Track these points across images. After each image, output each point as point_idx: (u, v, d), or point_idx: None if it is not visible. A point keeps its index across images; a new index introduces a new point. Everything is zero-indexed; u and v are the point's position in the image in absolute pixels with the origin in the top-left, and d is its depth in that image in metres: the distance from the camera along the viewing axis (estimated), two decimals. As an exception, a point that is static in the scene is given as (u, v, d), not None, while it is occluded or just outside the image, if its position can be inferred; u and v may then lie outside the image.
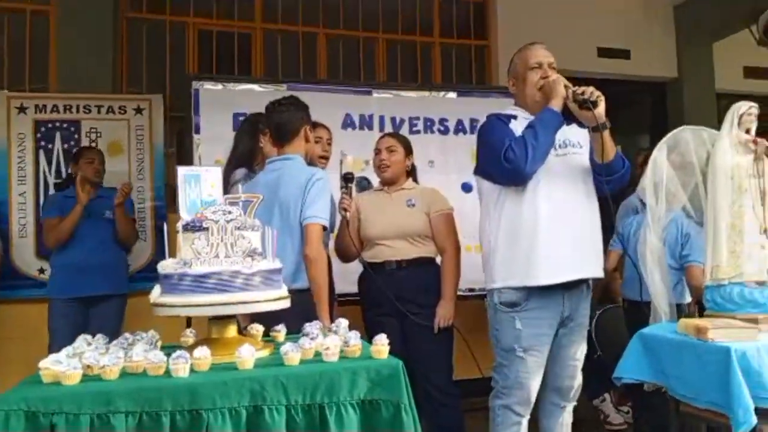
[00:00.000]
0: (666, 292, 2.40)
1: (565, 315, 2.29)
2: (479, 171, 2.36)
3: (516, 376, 2.25)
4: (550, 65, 2.32)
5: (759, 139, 2.21)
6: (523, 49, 2.40)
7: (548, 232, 2.18)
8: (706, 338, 1.96)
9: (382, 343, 1.55)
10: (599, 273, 2.33)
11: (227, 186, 2.60)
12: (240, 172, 2.78)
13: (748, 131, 2.24)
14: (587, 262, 2.28)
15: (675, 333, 2.14)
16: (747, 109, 2.24)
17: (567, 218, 2.22)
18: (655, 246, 2.40)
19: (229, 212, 1.55)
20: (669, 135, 2.49)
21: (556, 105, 2.21)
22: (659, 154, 2.46)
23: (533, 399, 2.29)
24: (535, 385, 2.28)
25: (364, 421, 1.43)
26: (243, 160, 2.87)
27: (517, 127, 2.26)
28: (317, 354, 1.55)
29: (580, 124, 2.29)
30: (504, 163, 2.14)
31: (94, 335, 1.75)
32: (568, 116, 2.25)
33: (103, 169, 3.61)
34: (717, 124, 2.33)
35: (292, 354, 1.47)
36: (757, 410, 1.84)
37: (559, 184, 2.23)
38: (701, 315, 2.27)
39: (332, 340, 1.52)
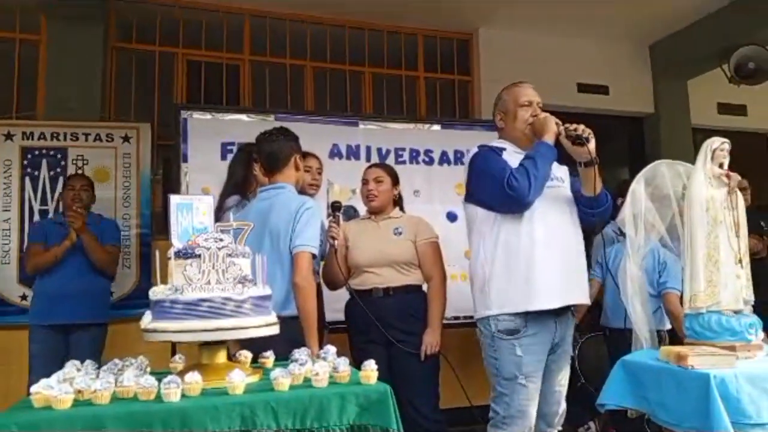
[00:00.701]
0: (647, 319, 2.45)
1: (555, 341, 2.34)
2: (473, 199, 2.39)
3: (518, 404, 2.26)
4: (538, 104, 2.45)
5: (731, 173, 2.30)
6: (512, 86, 2.50)
7: (544, 258, 2.25)
8: (687, 365, 2.01)
9: (371, 369, 1.58)
10: (586, 299, 2.42)
11: (219, 213, 2.64)
12: (233, 200, 2.83)
13: (721, 165, 2.33)
14: (576, 288, 2.35)
15: (656, 360, 2.19)
16: (719, 144, 2.33)
17: (559, 245, 2.30)
18: (636, 275, 2.46)
19: (221, 239, 1.58)
20: (646, 168, 2.58)
21: (549, 140, 2.32)
22: (637, 187, 2.54)
23: (533, 426, 2.30)
24: (534, 412, 2.30)
25: (353, 445, 1.45)
26: (237, 188, 2.92)
27: (507, 158, 2.34)
28: (306, 380, 1.57)
29: (569, 160, 2.39)
30: (507, 191, 2.21)
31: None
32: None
33: (89, 196, 3.61)
34: (693, 158, 2.42)
35: (282, 379, 1.49)
36: (735, 436, 1.89)
37: (551, 213, 2.32)
38: (672, 341, 2.33)
39: (321, 366, 1.55)
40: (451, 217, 4.14)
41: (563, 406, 2.45)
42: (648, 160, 5.22)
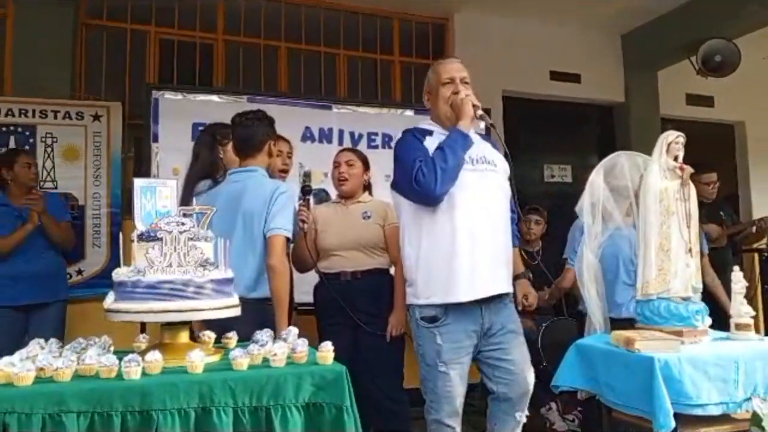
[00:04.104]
0: (601, 305, 2.55)
1: (486, 326, 2.28)
2: (395, 187, 2.34)
3: (441, 390, 2.25)
4: (462, 80, 2.34)
5: (685, 166, 2.39)
6: (437, 64, 2.44)
7: (465, 250, 2.19)
8: (634, 349, 2.11)
9: (327, 350, 1.64)
10: (509, 288, 2.35)
11: (190, 197, 2.65)
12: (204, 184, 2.81)
13: (675, 158, 2.41)
14: (502, 277, 2.30)
15: (607, 344, 2.29)
16: (675, 138, 2.42)
17: (483, 235, 2.23)
18: (591, 262, 2.56)
19: (183, 223, 1.62)
20: (606, 159, 2.66)
21: (464, 125, 2.25)
22: (596, 177, 2.63)
23: (461, 410, 2.30)
24: (460, 395, 2.28)
25: (308, 422, 1.52)
26: (206, 172, 2.89)
27: (432, 142, 2.27)
28: (265, 360, 1.62)
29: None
30: (414, 186, 2.17)
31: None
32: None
33: (37, 173, 3.56)
34: (661, 148, 2.48)
35: (241, 359, 1.54)
36: (678, 416, 2.00)
37: (474, 200, 2.24)
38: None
39: (279, 347, 1.60)
40: (422, 201, 4.19)
41: (525, 388, 2.37)
42: (617, 148, 5.33)
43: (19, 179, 3.42)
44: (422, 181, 2.15)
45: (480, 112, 2.30)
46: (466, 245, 2.20)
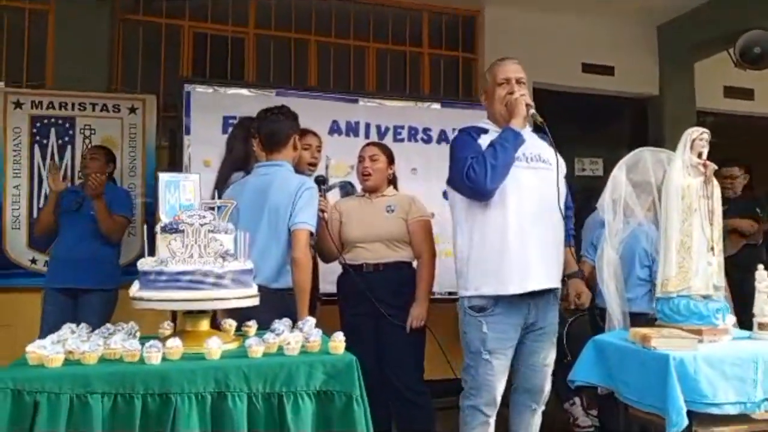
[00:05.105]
0: (620, 301, 2.55)
1: (530, 321, 2.42)
2: (450, 183, 2.49)
3: (483, 377, 2.38)
4: (518, 81, 2.44)
5: (708, 163, 2.35)
6: (494, 64, 2.53)
7: (516, 243, 2.32)
8: (650, 346, 2.11)
9: (339, 340, 1.69)
10: (558, 284, 2.47)
11: (224, 188, 2.74)
12: (238, 176, 2.88)
13: (700, 155, 2.38)
14: (552, 272, 2.41)
15: (625, 340, 2.29)
16: (699, 134, 2.38)
17: (534, 230, 2.35)
18: (612, 259, 2.55)
19: (204, 216, 1.69)
20: (629, 155, 2.64)
21: (517, 124, 2.37)
22: (619, 173, 2.61)
23: (499, 400, 2.43)
24: (500, 386, 2.41)
25: (319, 409, 1.58)
26: (239, 164, 2.96)
27: (487, 141, 2.39)
28: (280, 348, 1.69)
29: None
30: (465, 181, 2.31)
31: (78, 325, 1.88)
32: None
33: (99, 165, 3.65)
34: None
35: (256, 347, 1.61)
36: (694, 414, 2.00)
37: (527, 197, 2.36)
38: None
39: (294, 336, 1.66)
40: (448, 195, 4.21)
41: (548, 383, 2.55)
42: (650, 143, 5.24)
43: (86, 170, 3.60)
44: (473, 177, 2.27)
45: (532, 111, 2.38)
46: (516, 240, 2.31)
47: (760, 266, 2.43)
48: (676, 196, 2.36)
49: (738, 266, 3.24)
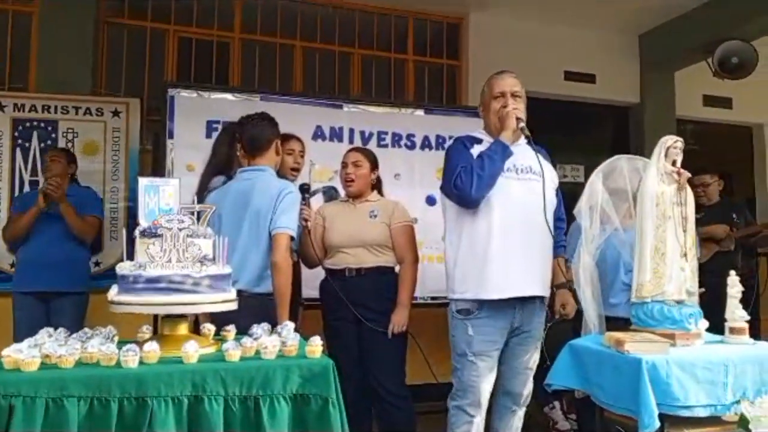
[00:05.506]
0: (596, 306, 2.58)
1: (515, 325, 2.49)
2: (441, 189, 2.57)
3: (468, 379, 2.45)
4: (513, 94, 2.52)
5: (682, 171, 2.40)
6: (492, 77, 2.61)
7: (498, 251, 2.39)
8: (623, 350, 2.15)
9: (315, 344, 1.71)
10: (546, 292, 2.55)
11: (204, 192, 2.75)
12: (218, 180, 2.89)
13: (674, 163, 2.43)
14: (535, 280, 2.47)
15: (600, 344, 2.33)
16: (673, 142, 2.43)
17: (518, 239, 2.42)
18: (588, 264, 2.58)
19: (182, 221, 1.71)
20: (606, 162, 2.68)
21: (506, 137, 2.45)
22: (596, 180, 2.65)
23: (484, 401, 2.48)
24: (485, 388, 2.47)
25: (295, 412, 1.60)
26: (221, 168, 2.97)
27: (479, 151, 2.48)
28: (257, 352, 1.71)
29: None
30: (453, 189, 2.40)
31: (55, 329, 1.89)
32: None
33: (61, 166, 3.64)
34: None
35: (233, 351, 1.63)
36: (666, 417, 2.04)
37: (514, 207, 2.44)
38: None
39: (271, 340, 1.68)
40: (431, 200, 4.24)
41: (529, 386, 2.62)
42: (631, 149, 5.31)
43: (48, 173, 3.58)
44: (460, 186, 2.37)
45: (522, 124, 2.47)
46: (499, 248, 2.39)
47: (732, 272, 2.49)
48: (651, 203, 2.40)
49: (711, 272, 3.30)
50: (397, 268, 3.12)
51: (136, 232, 1.74)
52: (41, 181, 4.00)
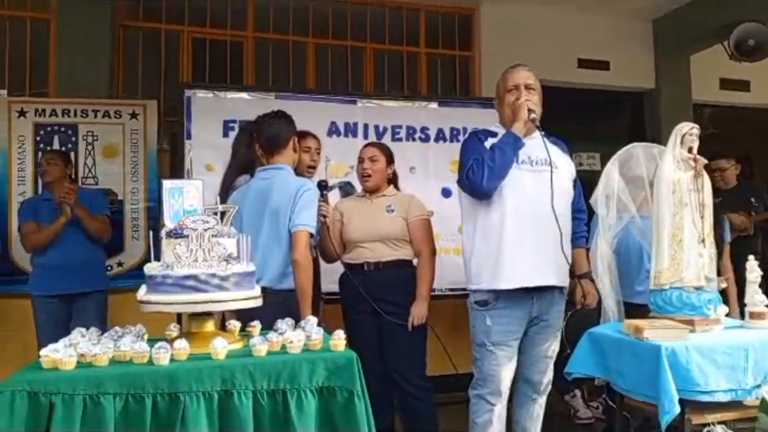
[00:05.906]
0: (614, 294, 2.60)
1: (534, 315, 2.51)
2: (457, 182, 2.61)
3: (487, 368, 2.49)
4: (527, 87, 2.54)
5: (698, 157, 2.41)
6: (506, 71, 2.63)
7: (511, 242, 2.42)
8: (642, 337, 2.17)
9: (339, 338, 1.76)
10: (562, 282, 2.56)
11: (229, 192, 2.80)
12: (243, 179, 2.93)
13: (690, 150, 2.44)
14: (550, 271, 2.49)
15: (619, 332, 2.35)
16: (689, 129, 2.44)
17: (531, 230, 2.44)
18: (606, 253, 2.61)
19: (207, 221, 1.76)
20: (621, 151, 2.69)
21: (518, 128, 2.48)
22: (612, 168, 2.67)
23: (504, 390, 2.52)
24: (505, 377, 2.51)
25: (322, 404, 1.65)
26: (244, 167, 3.00)
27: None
28: (283, 347, 1.76)
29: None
30: (465, 181, 2.45)
31: (87, 328, 1.95)
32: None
33: (59, 169, 3.67)
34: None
35: (260, 346, 1.68)
36: (687, 402, 2.06)
37: (527, 198, 2.46)
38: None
39: (296, 335, 1.73)
40: (446, 193, 4.26)
41: (549, 375, 2.64)
42: (647, 136, 5.28)
43: (46, 176, 3.65)
44: (471, 177, 2.41)
45: (533, 116, 2.49)
46: (512, 238, 2.42)
47: (751, 257, 2.49)
48: (667, 190, 2.41)
49: (731, 257, 3.30)
50: (415, 261, 3.15)
51: (163, 233, 1.79)
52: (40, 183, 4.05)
